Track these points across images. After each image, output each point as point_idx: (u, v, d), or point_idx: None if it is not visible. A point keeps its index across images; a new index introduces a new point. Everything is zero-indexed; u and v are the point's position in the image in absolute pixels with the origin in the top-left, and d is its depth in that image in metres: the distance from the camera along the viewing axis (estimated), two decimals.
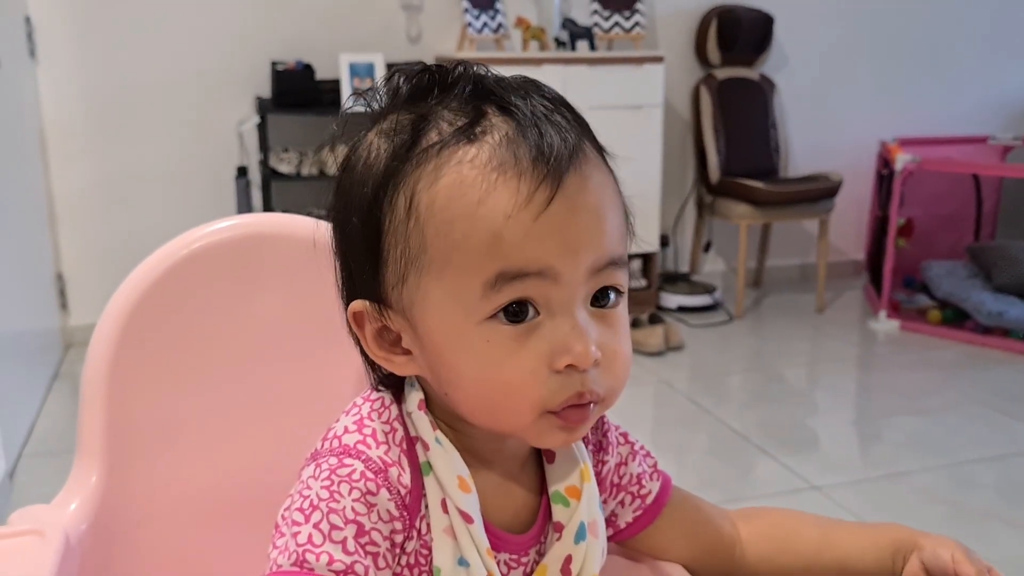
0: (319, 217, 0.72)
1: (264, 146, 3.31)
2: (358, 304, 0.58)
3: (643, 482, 0.70)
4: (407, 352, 0.58)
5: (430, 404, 0.60)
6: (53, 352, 3.14)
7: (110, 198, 3.34)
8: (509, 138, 0.53)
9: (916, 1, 4.22)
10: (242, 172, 3.41)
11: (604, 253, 0.54)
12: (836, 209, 3.80)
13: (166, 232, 0.94)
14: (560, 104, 0.57)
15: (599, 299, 0.56)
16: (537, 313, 0.54)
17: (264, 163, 3.32)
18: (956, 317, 3.54)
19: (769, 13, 3.85)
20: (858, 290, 4.15)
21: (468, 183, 0.52)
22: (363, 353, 0.62)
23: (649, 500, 0.70)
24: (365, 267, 0.57)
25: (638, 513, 0.70)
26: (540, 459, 0.64)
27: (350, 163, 0.58)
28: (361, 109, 0.60)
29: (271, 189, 3.33)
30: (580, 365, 0.54)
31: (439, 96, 0.56)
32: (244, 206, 3.37)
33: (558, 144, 0.53)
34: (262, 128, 3.30)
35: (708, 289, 3.83)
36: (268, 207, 3.35)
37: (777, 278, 4.25)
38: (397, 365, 0.59)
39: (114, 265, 3.28)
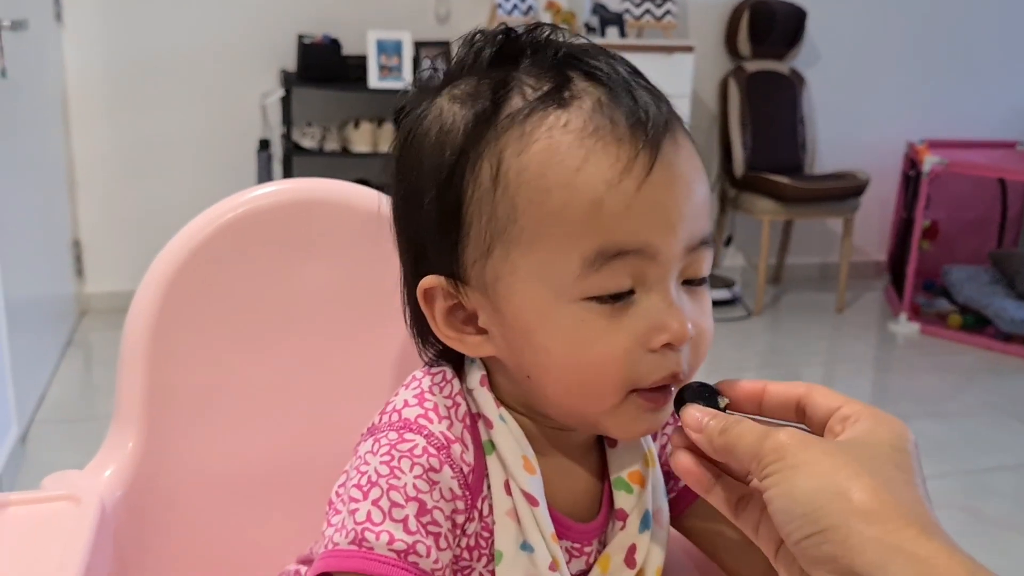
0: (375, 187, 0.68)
1: (287, 120, 3.28)
2: (432, 279, 0.54)
3: None
4: (482, 331, 0.55)
5: (493, 383, 0.57)
6: (67, 319, 3.12)
7: (130, 166, 3.32)
8: (602, 103, 0.50)
9: (951, 2, 4.16)
10: (264, 145, 3.38)
11: (698, 229, 0.52)
12: (860, 209, 3.76)
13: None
14: (638, 73, 0.54)
15: (690, 279, 0.54)
16: (632, 291, 0.51)
17: (287, 137, 3.29)
18: (977, 323, 3.50)
19: (802, 7, 3.79)
20: (879, 291, 4.11)
21: (564, 149, 0.50)
22: (416, 329, 0.59)
23: (684, 483, 0.62)
24: (441, 240, 0.54)
25: (671, 495, 0.64)
26: (603, 444, 0.61)
27: (419, 132, 0.55)
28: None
29: (292, 163, 3.31)
30: (677, 343, 0.51)
31: (517, 61, 0.53)
32: (265, 179, 3.35)
33: (653, 110, 0.51)
34: (286, 101, 3.27)
35: (727, 283, 3.79)
36: None
37: (797, 276, 4.21)
38: (470, 346, 0.56)
39: (131, 233, 3.28)
